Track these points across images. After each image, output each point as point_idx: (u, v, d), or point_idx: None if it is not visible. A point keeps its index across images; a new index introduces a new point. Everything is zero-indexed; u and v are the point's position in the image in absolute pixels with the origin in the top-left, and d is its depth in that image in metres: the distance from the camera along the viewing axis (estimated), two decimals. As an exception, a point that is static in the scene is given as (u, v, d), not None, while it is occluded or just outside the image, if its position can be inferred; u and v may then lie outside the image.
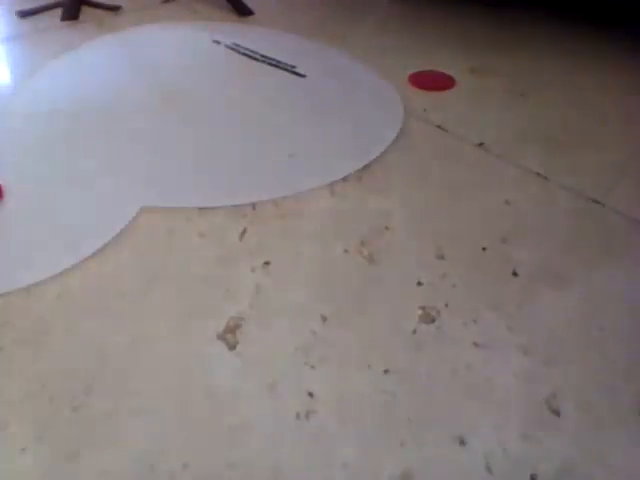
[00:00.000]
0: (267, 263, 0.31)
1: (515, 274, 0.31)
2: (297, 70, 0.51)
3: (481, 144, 0.42)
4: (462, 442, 0.23)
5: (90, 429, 0.23)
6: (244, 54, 0.53)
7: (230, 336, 0.27)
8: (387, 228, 0.34)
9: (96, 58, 0.53)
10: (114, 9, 0.65)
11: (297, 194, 0.37)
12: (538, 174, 0.39)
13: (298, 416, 0.24)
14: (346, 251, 0.32)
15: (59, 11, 0.63)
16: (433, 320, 0.28)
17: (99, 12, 0.64)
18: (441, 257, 0.32)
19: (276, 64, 0.52)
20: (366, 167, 0.39)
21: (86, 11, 0.63)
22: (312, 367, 0.26)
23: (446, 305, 0.29)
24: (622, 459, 0.23)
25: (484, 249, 0.33)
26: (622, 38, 0.58)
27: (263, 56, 0.53)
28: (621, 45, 0.57)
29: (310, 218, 0.35)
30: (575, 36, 0.59)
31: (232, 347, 0.27)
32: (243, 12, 0.62)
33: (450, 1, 0.60)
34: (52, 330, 0.28)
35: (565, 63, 0.53)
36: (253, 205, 0.36)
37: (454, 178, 0.38)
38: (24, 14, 0.64)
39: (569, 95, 0.48)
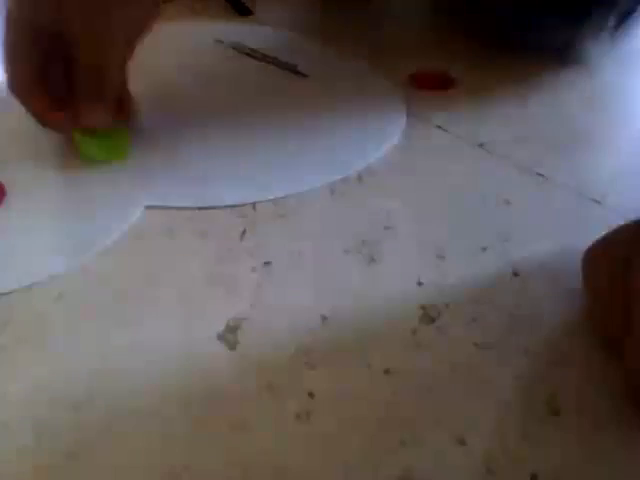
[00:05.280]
0: (267, 263, 0.31)
1: (515, 274, 0.31)
2: (299, 70, 0.51)
3: (481, 144, 0.42)
4: (462, 442, 0.23)
5: (90, 429, 0.23)
6: (246, 54, 0.53)
7: (230, 336, 0.27)
8: (387, 228, 0.34)
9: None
10: (114, 9, 0.65)
11: (297, 194, 0.36)
12: (538, 174, 0.39)
13: (298, 416, 0.24)
14: (346, 251, 0.32)
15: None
16: (433, 320, 0.28)
17: (99, 12, 0.63)
18: (441, 257, 0.32)
19: (278, 64, 0.52)
20: (366, 167, 0.39)
21: (86, 11, 0.63)
22: (312, 367, 0.26)
23: (446, 305, 0.29)
24: (622, 459, 0.23)
25: (484, 249, 0.33)
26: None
27: (265, 55, 0.53)
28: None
29: (310, 218, 0.35)
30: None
31: (232, 347, 0.27)
32: (243, 12, 0.62)
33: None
34: (53, 330, 0.28)
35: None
36: (253, 205, 0.36)
37: (454, 178, 0.38)
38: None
39: (569, 95, 0.48)
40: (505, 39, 0.49)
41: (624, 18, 0.47)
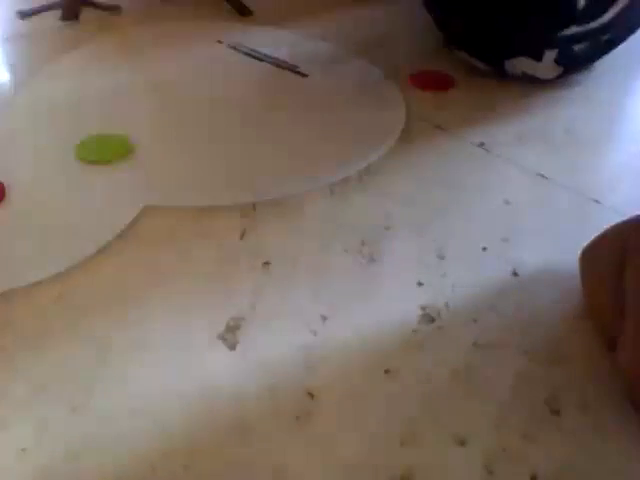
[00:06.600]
0: (267, 263, 0.31)
1: (515, 274, 0.31)
2: (299, 70, 0.51)
3: (481, 144, 0.42)
4: (462, 442, 0.23)
5: (90, 429, 0.23)
6: (247, 54, 0.53)
7: (230, 336, 0.27)
8: (387, 228, 0.34)
9: (96, 60, 0.53)
10: (113, 9, 0.65)
11: (297, 194, 0.36)
12: (538, 174, 0.39)
13: (298, 417, 0.24)
14: (346, 251, 0.32)
15: (59, 11, 0.63)
16: (433, 320, 0.28)
17: (99, 12, 0.63)
18: (441, 257, 0.32)
19: (278, 63, 0.52)
20: (366, 167, 0.39)
21: (86, 11, 0.63)
22: (312, 367, 0.26)
23: (446, 305, 0.29)
24: (622, 459, 0.23)
25: (484, 249, 0.33)
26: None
27: (266, 55, 0.53)
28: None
29: (310, 218, 0.35)
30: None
31: (232, 347, 0.27)
32: (243, 12, 0.62)
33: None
34: (52, 330, 0.28)
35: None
36: (253, 205, 0.36)
37: (454, 178, 0.38)
38: (24, 14, 0.64)
39: (569, 95, 0.48)
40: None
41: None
